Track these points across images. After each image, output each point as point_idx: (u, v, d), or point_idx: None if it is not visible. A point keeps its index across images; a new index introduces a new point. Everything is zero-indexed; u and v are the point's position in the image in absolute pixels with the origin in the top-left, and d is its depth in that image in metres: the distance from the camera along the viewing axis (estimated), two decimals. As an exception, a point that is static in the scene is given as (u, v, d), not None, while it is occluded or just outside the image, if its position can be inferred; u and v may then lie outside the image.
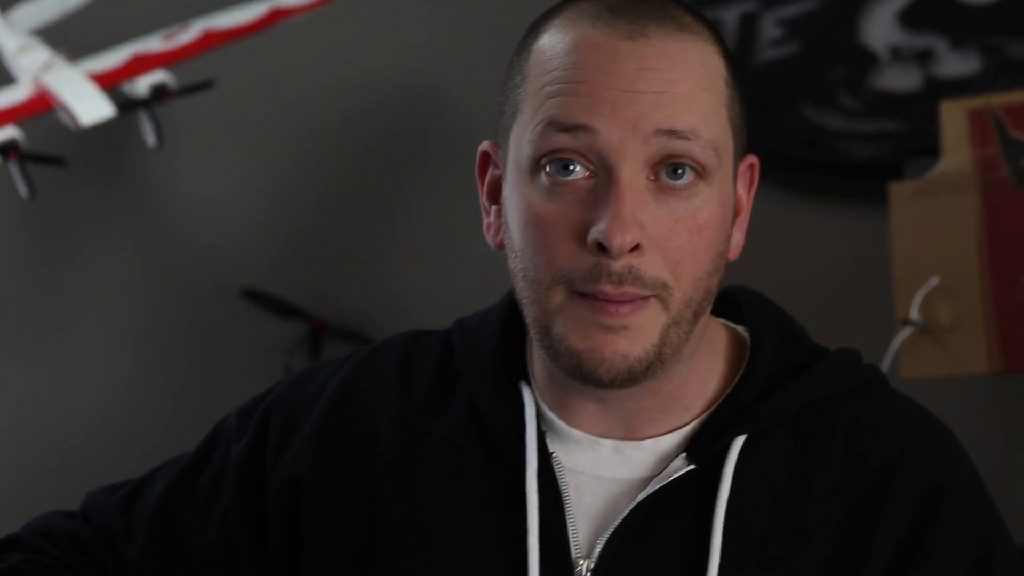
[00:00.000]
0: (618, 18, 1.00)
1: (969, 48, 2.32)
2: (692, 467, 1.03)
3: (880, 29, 2.35)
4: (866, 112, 2.37)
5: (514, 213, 1.01)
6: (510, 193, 1.02)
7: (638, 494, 1.03)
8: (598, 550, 1.02)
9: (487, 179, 1.07)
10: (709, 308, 1.03)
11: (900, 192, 1.94)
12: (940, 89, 2.27)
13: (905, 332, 1.91)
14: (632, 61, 0.98)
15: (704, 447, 1.03)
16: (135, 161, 2.58)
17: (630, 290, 0.98)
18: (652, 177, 0.99)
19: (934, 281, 1.91)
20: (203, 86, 2.29)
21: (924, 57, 2.34)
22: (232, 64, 2.44)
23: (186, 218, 2.61)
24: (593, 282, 0.98)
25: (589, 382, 1.00)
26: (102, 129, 2.23)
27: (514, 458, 1.05)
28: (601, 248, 0.97)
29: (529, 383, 1.08)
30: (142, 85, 2.22)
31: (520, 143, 1.01)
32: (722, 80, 1.02)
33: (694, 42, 1.00)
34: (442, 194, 2.57)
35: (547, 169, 0.99)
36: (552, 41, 1.01)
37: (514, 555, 1.03)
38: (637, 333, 0.99)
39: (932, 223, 1.91)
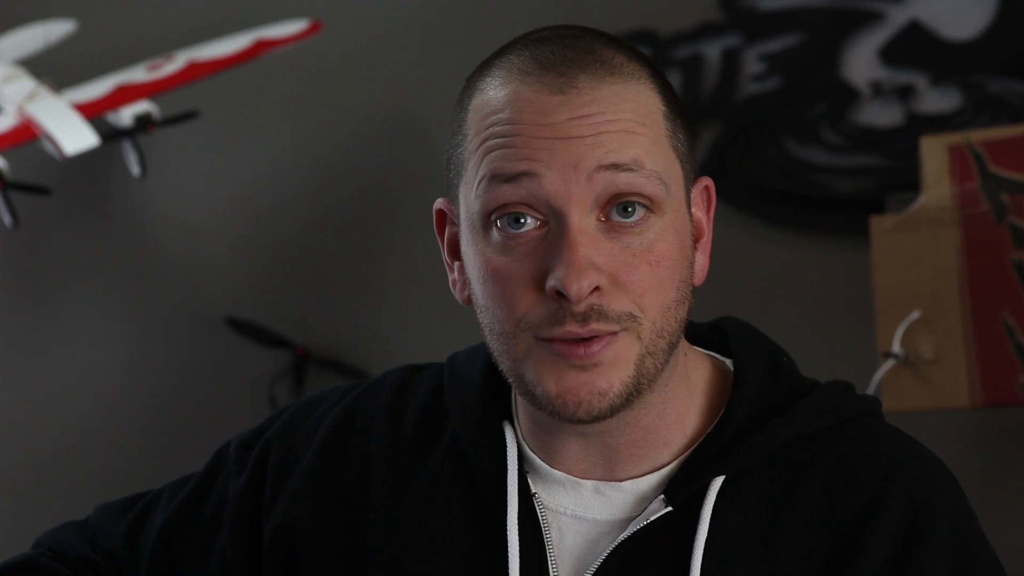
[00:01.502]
0: (547, 72, 1.00)
1: (949, 84, 2.33)
2: (669, 509, 1.03)
3: (861, 65, 2.37)
4: (848, 147, 2.39)
5: (474, 270, 1.02)
6: (468, 250, 1.03)
7: (618, 535, 1.03)
8: None
9: (446, 236, 1.08)
10: (682, 337, 1.03)
11: (881, 226, 1.95)
12: (921, 125, 2.29)
13: (887, 365, 1.91)
14: (564, 112, 0.99)
15: (681, 489, 1.03)
16: (119, 191, 2.58)
17: (597, 326, 0.98)
18: (602, 218, 0.99)
19: (916, 314, 1.91)
20: (187, 116, 2.29)
21: (905, 93, 2.36)
22: (217, 95, 2.44)
23: (170, 247, 2.61)
24: (558, 325, 0.98)
25: (569, 422, 1.01)
26: (86, 159, 2.23)
27: (496, 499, 1.05)
28: (560, 295, 0.97)
29: (512, 423, 1.08)
30: (126, 115, 2.23)
31: (468, 200, 1.02)
32: (660, 114, 1.02)
33: (625, 83, 1.01)
34: (427, 227, 2.57)
35: (498, 224, 1.00)
36: (486, 98, 1.02)
37: None
38: (611, 367, 0.99)
39: (913, 257, 1.92)
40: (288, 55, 2.39)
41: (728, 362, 1.09)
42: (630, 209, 0.99)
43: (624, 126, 0.99)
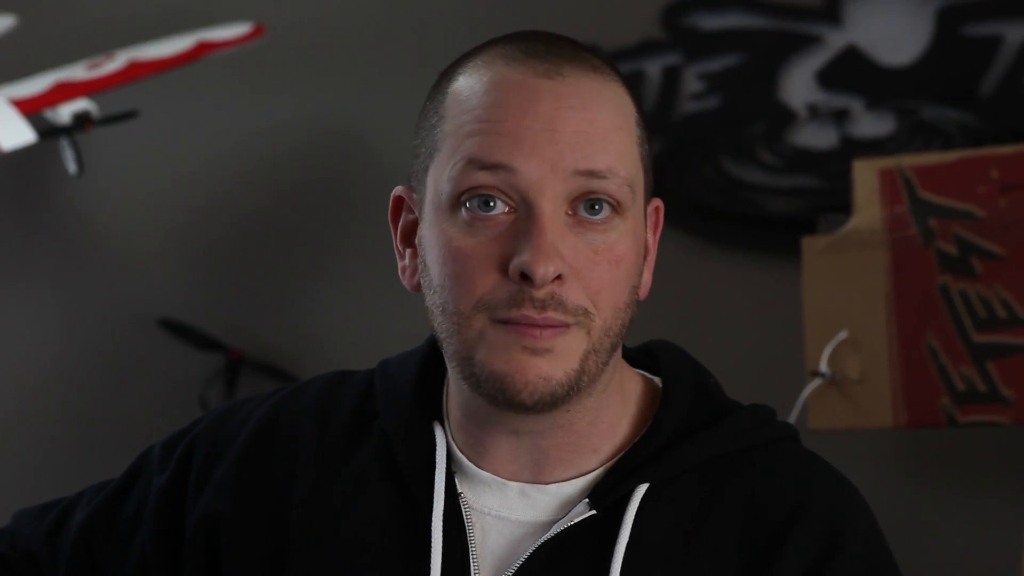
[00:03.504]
0: (532, 58, 1.01)
1: (884, 109, 2.37)
2: (593, 512, 1.04)
3: (799, 87, 2.40)
4: (783, 167, 2.41)
5: (433, 250, 1.02)
6: (428, 232, 1.03)
7: (541, 536, 1.04)
8: None
9: (401, 223, 1.08)
10: (621, 343, 1.05)
11: (812, 247, 1.98)
12: (855, 148, 2.32)
13: (814, 383, 1.94)
14: (551, 99, 1.00)
15: (606, 493, 1.04)
16: (55, 188, 2.56)
17: (553, 315, 0.99)
18: (570, 212, 1.01)
19: (843, 334, 1.94)
20: (126, 116, 2.28)
21: (841, 116, 2.39)
22: (156, 96, 2.43)
23: (105, 246, 2.60)
24: (516, 307, 0.99)
25: (511, 406, 1.01)
26: (23, 155, 2.21)
27: (422, 497, 1.06)
28: (524, 278, 0.99)
29: (443, 423, 1.09)
30: (65, 112, 2.21)
31: (439, 181, 1.02)
32: (633, 120, 1.04)
33: (606, 82, 1.03)
34: (362, 233, 2.58)
35: (467, 205, 1.00)
36: (469, 82, 1.03)
37: None
38: (559, 356, 1.00)
39: (842, 278, 1.94)
40: (228, 57, 2.39)
41: (657, 380, 1.11)
42: (597, 207, 1.01)
43: (603, 128, 1.01)
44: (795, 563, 1.02)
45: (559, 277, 0.99)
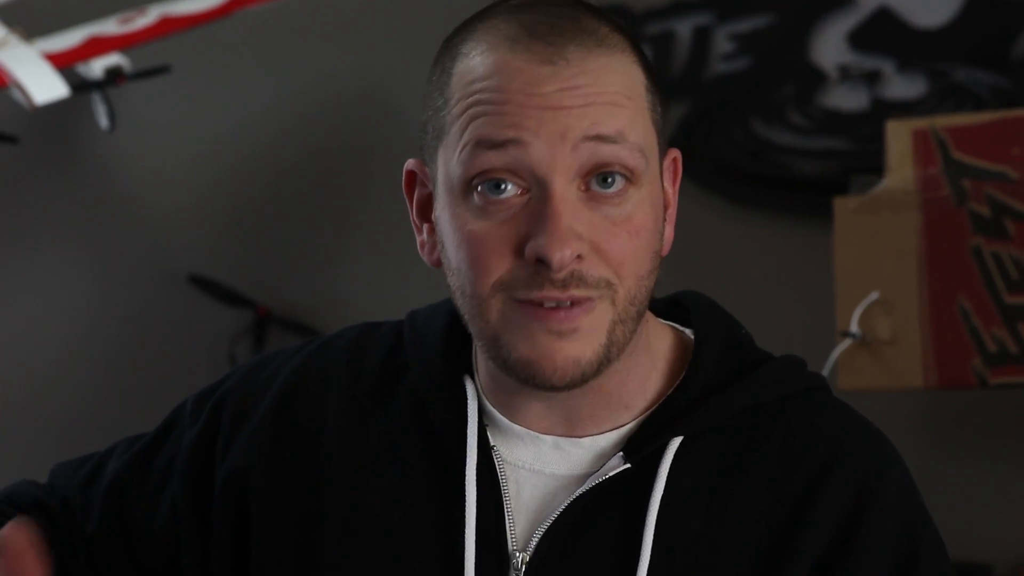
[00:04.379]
0: (535, 40, 1.00)
1: (916, 71, 2.36)
2: (628, 466, 1.04)
3: (830, 49, 2.39)
4: (814, 129, 2.40)
5: (449, 233, 1.02)
6: (442, 213, 1.03)
7: (576, 490, 1.04)
8: (534, 543, 1.04)
9: (416, 197, 1.07)
10: (647, 306, 1.05)
11: (844, 207, 1.97)
12: (886, 110, 2.31)
13: (844, 344, 1.93)
14: (554, 83, 0.99)
15: (640, 447, 1.04)
16: (87, 143, 2.57)
17: (576, 292, 0.99)
18: (583, 187, 1.00)
19: (874, 295, 1.93)
20: (158, 71, 2.28)
21: (872, 78, 2.38)
22: (188, 51, 2.43)
23: (136, 202, 2.61)
24: (536, 288, 0.99)
25: (542, 387, 1.01)
26: (55, 109, 2.22)
27: (455, 451, 1.06)
28: (540, 262, 0.98)
29: (473, 378, 1.09)
30: (97, 67, 2.22)
31: (449, 165, 1.01)
32: (643, 86, 1.03)
33: (612, 55, 1.01)
34: (392, 191, 2.58)
35: (479, 189, 1.00)
36: (472, 64, 1.01)
37: (452, 546, 1.04)
38: (586, 334, 1.00)
39: (874, 239, 1.94)
40: (261, 13, 2.39)
41: (687, 332, 1.11)
42: (610, 180, 1.00)
43: (610, 98, 1.00)
44: (829, 514, 1.02)
45: (578, 257, 0.99)
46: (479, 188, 1.00)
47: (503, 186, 0.99)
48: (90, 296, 2.60)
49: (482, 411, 1.07)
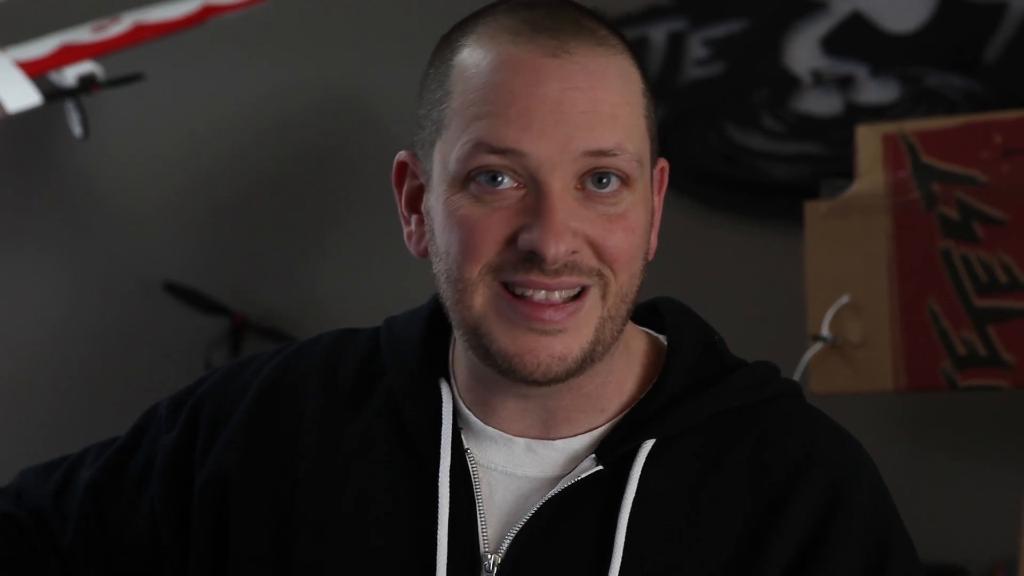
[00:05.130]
0: (539, 34, 1.00)
1: (888, 76, 2.37)
2: (600, 468, 1.05)
3: (803, 54, 2.40)
4: (787, 134, 2.41)
5: (440, 219, 1.02)
6: (436, 203, 1.03)
7: (548, 492, 1.05)
8: (506, 545, 1.04)
9: (405, 189, 1.08)
10: (632, 309, 1.06)
11: (815, 211, 1.98)
12: (859, 114, 2.32)
13: (815, 348, 1.94)
14: (558, 80, 1.00)
15: (613, 449, 1.05)
16: (61, 151, 2.56)
17: (567, 279, 1.00)
18: (579, 186, 1.01)
19: (845, 299, 1.94)
20: (132, 79, 2.28)
21: (845, 83, 2.39)
22: (162, 59, 2.43)
23: (111, 210, 2.60)
24: (524, 271, 0.99)
25: (522, 381, 1.02)
26: (29, 117, 2.21)
27: (429, 454, 1.06)
28: (533, 255, 0.99)
29: (449, 381, 1.09)
30: (70, 75, 2.21)
31: (447, 158, 1.02)
32: (640, 91, 1.04)
33: (612, 56, 1.02)
34: (365, 197, 2.58)
35: (475, 179, 1.00)
36: (474, 58, 1.02)
37: (424, 549, 1.04)
38: (573, 332, 1.01)
39: (845, 242, 1.94)
40: (233, 21, 2.39)
41: (662, 338, 1.12)
42: (605, 180, 1.01)
43: (610, 106, 1.00)
44: (801, 517, 1.03)
45: (573, 252, 1.00)
46: (476, 179, 1.00)
47: (500, 179, 1.00)
48: (66, 305, 2.59)
49: (456, 414, 1.08)
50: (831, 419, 1.09)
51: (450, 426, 1.06)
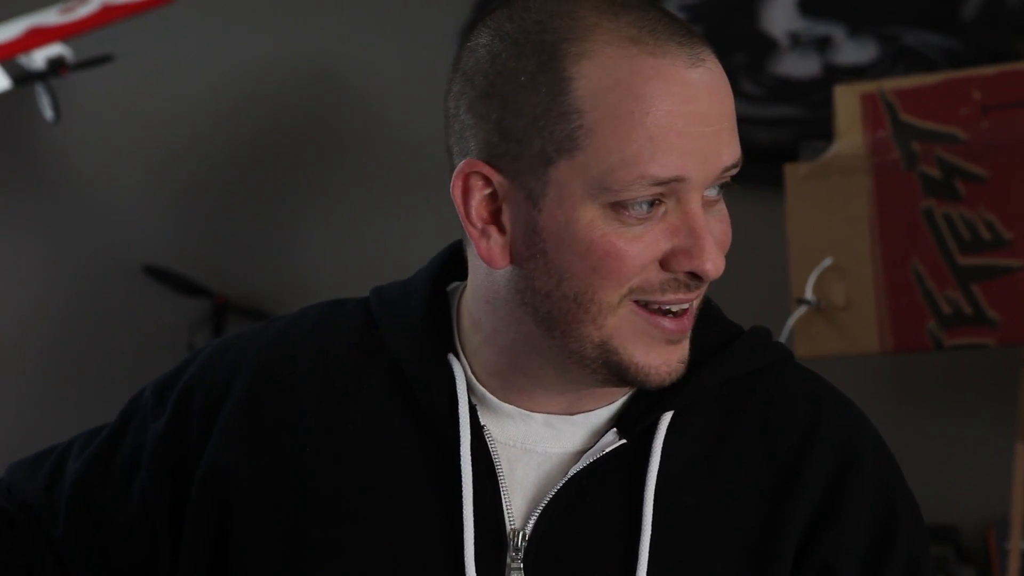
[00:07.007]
0: (667, 42, 0.98)
1: (866, 36, 2.36)
2: (624, 441, 1.05)
3: (780, 16, 2.39)
4: (766, 97, 2.40)
5: (570, 239, 0.99)
6: (555, 221, 1.00)
7: (570, 467, 1.04)
8: (532, 522, 1.04)
9: (476, 200, 1.03)
10: None
11: (795, 173, 1.97)
12: (838, 75, 2.31)
13: (799, 311, 1.94)
14: (706, 93, 0.98)
15: (635, 422, 1.05)
16: (33, 135, 2.54)
17: (697, 292, 1.01)
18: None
19: (828, 261, 1.94)
20: (101, 60, 2.26)
21: (822, 44, 2.38)
22: (131, 39, 2.41)
23: (87, 193, 2.59)
24: (663, 293, 1.00)
25: (645, 387, 1.03)
26: (-2, 102, 2.20)
27: (447, 431, 1.05)
28: (693, 276, 0.99)
29: (457, 355, 1.08)
30: (39, 58, 2.19)
31: (587, 181, 0.99)
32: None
33: (717, 62, 1.01)
34: (343, 172, 2.57)
35: (630, 208, 0.99)
36: (605, 74, 0.98)
37: (449, 527, 1.04)
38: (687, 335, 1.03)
39: (826, 204, 1.94)
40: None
41: None
42: (720, 185, 1.02)
43: (733, 115, 1.00)
44: (814, 482, 1.04)
45: None
46: (631, 207, 0.99)
47: (656, 203, 0.99)
48: (44, 290, 2.58)
49: (470, 389, 1.07)
50: (827, 382, 1.10)
51: (466, 403, 1.05)
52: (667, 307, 1.00)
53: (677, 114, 0.97)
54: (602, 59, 0.98)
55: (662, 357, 1.01)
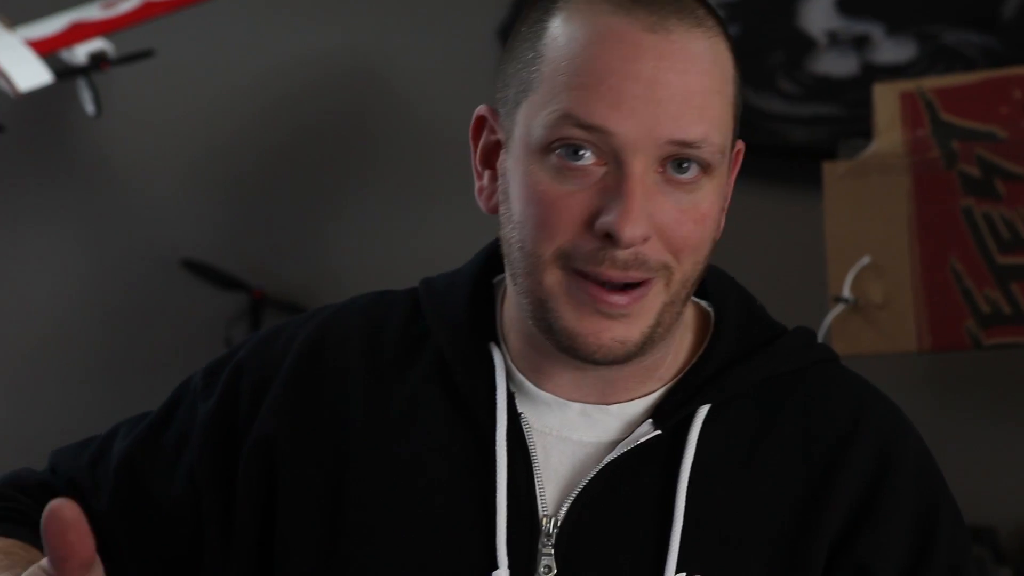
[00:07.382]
0: (639, 7, 1.00)
1: (905, 35, 2.35)
2: (659, 432, 1.05)
3: (818, 14, 2.38)
4: (803, 96, 2.40)
5: (518, 187, 1.02)
6: (514, 166, 1.03)
7: (604, 457, 1.05)
8: (564, 510, 1.05)
9: (481, 143, 1.07)
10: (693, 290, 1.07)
11: (833, 172, 1.97)
12: (876, 74, 2.30)
13: (837, 309, 1.93)
14: (654, 57, 0.99)
15: (670, 414, 1.06)
16: (74, 129, 2.56)
17: (635, 274, 1.00)
18: (659, 170, 1.01)
19: (866, 260, 1.93)
20: (143, 55, 2.28)
21: (861, 43, 2.37)
22: (173, 34, 2.42)
23: (126, 187, 2.60)
24: (595, 264, 1.00)
25: (582, 361, 1.03)
26: (41, 96, 2.21)
27: (484, 418, 1.07)
28: (609, 237, 0.99)
29: (499, 344, 1.09)
30: (81, 53, 2.21)
31: (531, 123, 1.01)
32: (732, 76, 1.03)
33: (709, 39, 1.01)
34: (381, 168, 2.57)
35: (557, 151, 1.00)
36: (570, 24, 1.01)
37: (483, 513, 1.05)
38: (636, 317, 1.01)
39: (864, 203, 1.93)
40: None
41: (705, 304, 1.12)
42: (685, 166, 1.01)
43: (701, 95, 0.99)
44: (852, 484, 1.04)
45: (645, 239, 1.00)
46: (557, 150, 1.00)
47: (582, 153, 1.00)
48: (83, 285, 2.59)
49: (509, 377, 1.08)
50: (869, 383, 1.11)
51: (504, 390, 1.07)
52: (604, 280, 1.00)
53: (615, 69, 0.99)
54: (575, 14, 1.01)
55: (592, 327, 1.01)
